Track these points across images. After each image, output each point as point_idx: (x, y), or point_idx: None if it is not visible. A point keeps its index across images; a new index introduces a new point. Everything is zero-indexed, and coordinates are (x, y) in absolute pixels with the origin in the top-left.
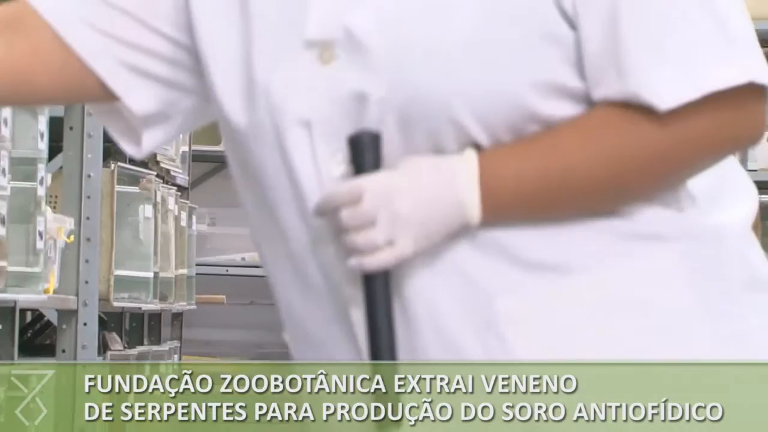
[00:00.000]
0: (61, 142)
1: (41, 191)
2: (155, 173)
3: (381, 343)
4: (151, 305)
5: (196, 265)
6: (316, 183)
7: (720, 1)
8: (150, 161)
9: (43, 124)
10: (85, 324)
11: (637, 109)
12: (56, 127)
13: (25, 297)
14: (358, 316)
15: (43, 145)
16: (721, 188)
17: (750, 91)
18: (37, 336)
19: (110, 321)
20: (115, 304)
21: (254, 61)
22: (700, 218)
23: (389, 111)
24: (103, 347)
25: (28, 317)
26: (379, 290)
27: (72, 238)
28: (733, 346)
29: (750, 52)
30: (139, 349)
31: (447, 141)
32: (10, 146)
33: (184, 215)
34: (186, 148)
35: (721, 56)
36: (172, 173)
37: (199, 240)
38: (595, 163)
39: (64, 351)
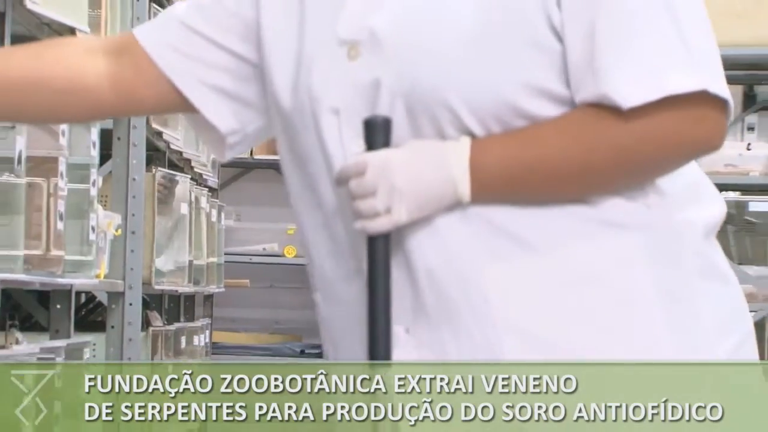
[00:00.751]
0: (110, 150)
1: (93, 192)
2: (189, 176)
3: (378, 293)
4: (187, 288)
5: (225, 254)
6: (342, 158)
7: (686, 19)
8: (185, 166)
9: (95, 135)
10: (130, 304)
11: (606, 108)
12: (106, 137)
13: (79, 281)
14: None
15: (95, 153)
16: (698, 192)
17: (709, 100)
18: (90, 314)
19: (152, 301)
20: (156, 287)
21: (302, 57)
22: (669, 214)
23: (397, 97)
24: (146, 324)
25: (83, 298)
26: (380, 249)
27: (120, 231)
28: (685, 327)
29: (708, 65)
30: (176, 325)
31: (448, 128)
32: (67, 154)
33: (214, 212)
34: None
35: (681, 65)
36: (204, 176)
37: (227, 233)
38: (567, 154)
39: (113, 327)
